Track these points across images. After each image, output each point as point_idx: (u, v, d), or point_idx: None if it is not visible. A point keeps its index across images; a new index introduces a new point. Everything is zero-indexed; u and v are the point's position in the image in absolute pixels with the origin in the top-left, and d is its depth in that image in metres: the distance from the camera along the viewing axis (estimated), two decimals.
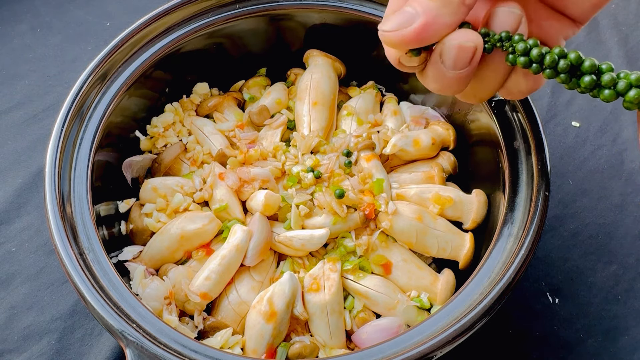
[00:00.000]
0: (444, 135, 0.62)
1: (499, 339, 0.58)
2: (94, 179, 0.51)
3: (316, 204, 0.55)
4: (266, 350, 0.49)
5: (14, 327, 0.58)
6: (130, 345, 0.42)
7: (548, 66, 0.34)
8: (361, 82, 0.69)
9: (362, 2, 0.61)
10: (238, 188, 0.57)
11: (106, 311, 0.43)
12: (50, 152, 0.50)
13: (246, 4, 0.61)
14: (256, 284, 0.53)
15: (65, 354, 0.57)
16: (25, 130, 0.72)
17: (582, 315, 0.60)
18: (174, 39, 0.59)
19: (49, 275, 0.61)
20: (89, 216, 0.49)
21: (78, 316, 0.59)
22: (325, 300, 0.51)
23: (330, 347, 0.52)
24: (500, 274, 0.45)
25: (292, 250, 0.54)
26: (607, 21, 0.82)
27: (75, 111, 0.52)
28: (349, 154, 0.59)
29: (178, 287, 0.52)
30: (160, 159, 0.59)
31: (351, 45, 0.65)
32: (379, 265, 0.54)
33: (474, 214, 0.56)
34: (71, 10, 0.84)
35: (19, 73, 0.77)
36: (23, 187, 0.67)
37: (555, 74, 0.34)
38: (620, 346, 0.58)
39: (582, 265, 0.62)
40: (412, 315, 0.53)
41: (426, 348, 0.42)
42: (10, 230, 0.64)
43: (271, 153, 0.59)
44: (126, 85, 0.56)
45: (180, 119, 0.63)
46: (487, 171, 0.56)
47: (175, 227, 0.54)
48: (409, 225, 0.54)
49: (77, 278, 0.44)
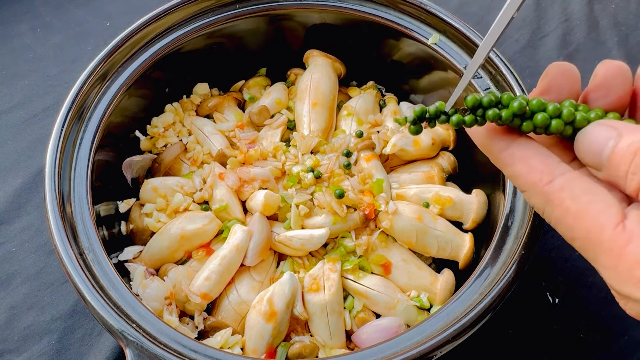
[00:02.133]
0: (444, 136, 0.62)
1: (499, 339, 0.58)
2: (94, 179, 0.51)
3: (316, 204, 0.55)
4: (266, 350, 0.49)
5: (14, 327, 0.58)
6: (130, 345, 0.42)
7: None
8: (361, 82, 0.69)
9: (362, 2, 0.61)
10: (238, 188, 0.57)
11: (106, 311, 0.43)
12: (50, 152, 0.50)
13: (246, 4, 0.61)
14: (256, 284, 0.53)
15: (65, 354, 0.57)
16: (25, 130, 0.72)
17: (582, 315, 0.60)
18: (174, 39, 0.59)
19: (49, 275, 0.61)
20: (89, 216, 0.49)
21: (78, 316, 0.59)
22: (325, 300, 0.51)
23: (330, 347, 0.52)
24: (500, 274, 0.45)
25: (292, 250, 0.54)
26: (607, 21, 0.82)
27: (75, 111, 0.52)
28: (349, 154, 0.59)
29: (178, 288, 0.52)
30: (160, 159, 0.59)
31: (351, 45, 0.65)
32: (378, 265, 0.54)
33: (474, 214, 0.56)
34: (71, 10, 0.84)
35: (19, 73, 0.77)
36: (23, 187, 0.67)
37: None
38: (620, 346, 0.58)
39: (582, 265, 0.62)
40: (412, 315, 0.53)
41: (426, 348, 0.42)
42: (10, 230, 0.64)
43: (271, 153, 0.59)
44: (126, 85, 0.56)
45: (180, 119, 0.63)
46: (487, 171, 0.56)
47: (175, 227, 0.54)
48: (409, 225, 0.54)
49: (77, 278, 0.44)
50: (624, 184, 0.32)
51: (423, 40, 0.58)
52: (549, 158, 0.34)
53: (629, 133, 0.32)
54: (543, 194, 0.34)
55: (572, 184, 0.33)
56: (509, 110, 0.35)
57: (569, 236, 0.33)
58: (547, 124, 0.35)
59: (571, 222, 0.32)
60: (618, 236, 0.31)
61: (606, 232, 0.31)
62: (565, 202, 0.33)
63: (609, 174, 0.33)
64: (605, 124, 0.34)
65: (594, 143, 0.33)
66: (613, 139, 0.32)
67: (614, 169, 0.32)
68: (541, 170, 0.34)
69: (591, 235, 0.32)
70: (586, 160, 0.34)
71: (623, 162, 0.32)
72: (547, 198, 0.33)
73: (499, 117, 0.35)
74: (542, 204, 0.34)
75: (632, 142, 0.32)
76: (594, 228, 0.31)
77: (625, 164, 0.32)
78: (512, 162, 0.35)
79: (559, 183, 0.33)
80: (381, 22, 0.60)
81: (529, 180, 0.34)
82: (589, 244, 0.32)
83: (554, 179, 0.33)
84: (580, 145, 0.35)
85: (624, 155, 0.32)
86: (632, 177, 0.31)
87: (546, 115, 0.35)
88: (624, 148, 0.32)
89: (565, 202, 0.33)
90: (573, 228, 0.33)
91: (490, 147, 0.37)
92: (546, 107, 0.35)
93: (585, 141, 0.34)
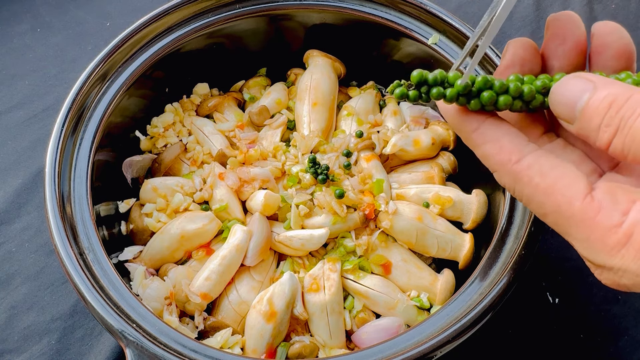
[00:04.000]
0: (444, 135, 0.62)
1: (499, 339, 0.58)
2: (94, 179, 0.51)
3: (316, 204, 0.55)
4: (266, 350, 0.49)
5: (14, 327, 0.58)
6: (130, 345, 0.42)
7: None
8: (361, 82, 0.69)
9: (362, 2, 0.61)
10: (238, 188, 0.57)
11: (106, 311, 0.43)
12: (50, 152, 0.50)
13: (246, 4, 0.61)
14: (256, 284, 0.53)
15: (65, 354, 0.57)
16: (25, 130, 0.72)
17: (582, 315, 0.60)
18: (174, 39, 0.59)
19: (49, 275, 0.61)
20: (89, 216, 0.49)
21: (78, 316, 0.59)
22: (325, 300, 0.51)
23: (330, 347, 0.52)
24: (500, 274, 0.45)
25: (292, 250, 0.54)
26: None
27: (75, 111, 0.52)
28: (349, 154, 0.59)
29: (178, 288, 0.52)
30: (160, 159, 0.59)
31: (351, 45, 0.65)
32: (378, 265, 0.54)
33: (474, 214, 0.56)
34: (71, 10, 0.84)
35: (19, 73, 0.77)
36: (23, 187, 0.67)
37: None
38: (620, 346, 0.58)
39: (582, 265, 0.61)
40: (412, 315, 0.53)
41: (426, 348, 0.42)
42: (10, 230, 0.64)
43: (271, 153, 0.60)
44: (126, 85, 0.56)
45: (180, 119, 0.63)
46: (487, 171, 0.55)
47: (176, 227, 0.54)
48: (409, 225, 0.54)
49: (77, 278, 0.44)
50: (595, 136, 0.32)
51: (423, 40, 0.58)
52: (517, 138, 0.35)
53: (605, 86, 0.32)
54: (512, 173, 0.34)
55: (540, 161, 0.34)
56: (453, 89, 0.35)
57: (540, 213, 0.34)
58: (494, 101, 0.35)
59: (541, 198, 0.33)
60: (587, 207, 0.31)
61: (576, 204, 0.32)
62: (534, 180, 0.33)
63: (580, 127, 0.33)
64: (581, 76, 0.34)
65: (568, 95, 0.33)
66: (588, 92, 0.32)
67: (586, 121, 0.32)
68: (510, 150, 0.34)
69: (562, 209, 0.32)
70: (559, 112, 0.34)
71: (597, 114, 0.32)
72: (516, 177, 0.34)
73: (443, 96, 0.35)
74: (512, 182, 0.35)
75: (607, 94, 0.32)
76: (564, 202, 0.32)
77: (599, 116, 0.32)
78: (482, 142, 0.36)
79: (527, 161, 0.34)
80: (381, 22, 0.60)
81: (498, 160, 0.35)
82: (560, 218, 0.33)
83: (522, 157, 0.34)
84: (554, 96, 0.35)
85: (598, 107, 0.32)
86: (605, 130, 0.31)
87: (492, 92, 0.35)
88: (598, 100, 0.32)
89: (534, 180, 0.33)
90: (544, 204, 0.33)
91: (461, 126, 0.37)
92: (492, 84, 0.35)
93: (560, 92, 0.34)
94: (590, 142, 0.33)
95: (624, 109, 0.31)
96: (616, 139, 0.31)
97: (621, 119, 0.31)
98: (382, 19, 0.60)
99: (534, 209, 0.34)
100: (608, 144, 0.32)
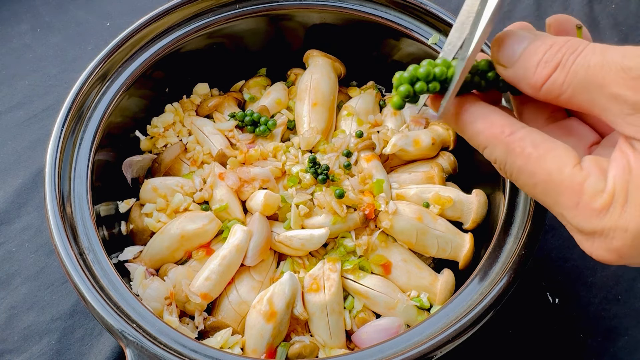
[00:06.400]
0: (444, 135, 0.62)
1: (499, 339, 0.58)
2: (94, 179, 0.51)
3: (316, 204, 0.55)
4: (266, 350, 0.49)
5: (14, 327, 0.58)
6: (130, 345, 0.42)
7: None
8: (361, 82, 0.69)
9: (362, 2, 0.61)
10: (238, 188, 0.57)
11: (106, 311, 0.43)
12: (50, 152, 0.50)
13: (246, 4, 0.61)
14: (256, 284, 0.53)
15: (65, 354, 0.57)
16: (25, 130, 0.72)
17: (582, 315, 0.60)
18: (174, 39, 0.59)
19: (49, 275, 0.61)
20: (89, 216, 0.49)
21: (78, 316, 0.59)
22: (325, 300, 0.51)
23: (330, 347, 0.52)
24: (500, 274, 0.45)
25: (292, 250, 0.54)
26: (607, 21, 0.82)
27: (75, 111, 0.52)
28: (349, 154, 0.59)
29: (178, 288, 0.52)
30: (160, 159, 0.59)
31: (351, 45, 0.65)
32: (378, 265, 0.54)
33: (474, 214, 0.56)
34: (71, 10, 0.84)
35: (19, 73, 0.77)
36: (23, 187, 0.67)
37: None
38: (620, 346, 0.58)
39: (582, 265, 0.62)
40: (412, 315, 0.53)
41: (426, 348, 0.42)
42: (10, 230, 0.64)
43: (271, 153, 0.60)
44: (126, 85, 0.56)
45: (180, 119, 0.63)
46: (487, 171, 0.56)
47: (176, 227, 0.54)
48: (409, 225, 0.54)
49: (77, 278, 0.44)
50: (531, 76, 0.34)
51: (423, 40, 0.58)
52: (507, 116, 0.37)
53: (545, 34, 0.35)
54: (505, 144, 0.35)
55: (532, 134, 0.35)
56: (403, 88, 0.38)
57: (530, 183, 0.35)
58: (432, 75, 0.37)
59: (533, 167, 0.34)
60: (577, 174, 0.33)
61: (566, 171, 0.33)
62: (527, 149, 0.35)
63: (518, 66, 0.35)
64: (525, 27, 0.36)
65: (512, 37, 0.36)
66: (530, 37, 0.35)
67: (526, 60, 0.35)
68: (501, 124, 0.36)
69: (552, 176, 0.34)
70: (498, 56, 0.36)
71: (538, 51, 0.34)
72: (508, 148, 0.35)
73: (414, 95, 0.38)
74: (503, 154, 0.36)
75: (547, 37, 0.34)
76: (555, 169, 0.34)
77: (540, 53, 0.34)
78: (473, 120, 0.37)
79: (520, 133, 0.35)
80: (381, 22, 0.60)
81: (490, 134, 0.36)
82: (550, 185, 0.34)
83: (515, 130, 0.35)
84: (496, 41, 0.36)
85: (540, 46, 0.34)
86: (544, 65, 0.34)
87: (429, 68, 0.37)
88: (540, 41, 0.35)
89: (527, 149, 0.35)
90: (535, 173, 0.34)
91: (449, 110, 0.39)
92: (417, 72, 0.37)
93: (503, 37, 0.36)
94: (523, 84, 0.35)
95: (565, 47, 0.33)
96: (557, 73, 0.33)
97: (563, 55, 0.33)
98: (382, 19, 0.60)
99: (524, 181, 0.36)
100: (545, 79, 0.34)
